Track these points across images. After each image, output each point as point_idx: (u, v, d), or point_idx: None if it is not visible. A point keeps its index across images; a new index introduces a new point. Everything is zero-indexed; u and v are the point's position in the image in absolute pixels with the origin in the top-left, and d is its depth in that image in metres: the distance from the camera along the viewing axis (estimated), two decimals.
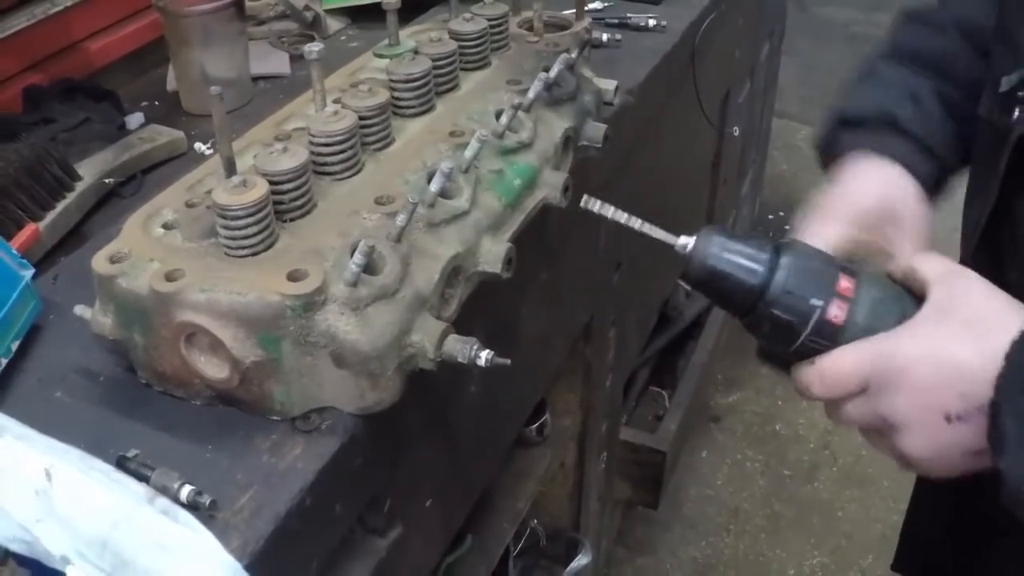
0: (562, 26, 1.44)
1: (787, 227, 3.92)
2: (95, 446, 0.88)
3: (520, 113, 1.16)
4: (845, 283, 0.85)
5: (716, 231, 0.88)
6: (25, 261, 1.06)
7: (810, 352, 0.86)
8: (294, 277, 0.90)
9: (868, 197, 1.04)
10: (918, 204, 1.05)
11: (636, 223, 0.91)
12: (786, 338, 0.86)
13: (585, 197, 0.93)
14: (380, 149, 1.11)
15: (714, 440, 3.08)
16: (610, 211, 0.92)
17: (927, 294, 0.84)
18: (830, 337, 0.85)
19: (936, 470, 0.85)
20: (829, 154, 1.14)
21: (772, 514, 2.86)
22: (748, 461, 3.02)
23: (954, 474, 0.84)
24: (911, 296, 0.87)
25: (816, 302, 0.85)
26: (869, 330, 0.84)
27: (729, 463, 3.02)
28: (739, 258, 0.86)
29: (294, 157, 0.99)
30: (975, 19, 1.14)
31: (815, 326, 0.85)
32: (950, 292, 0.83)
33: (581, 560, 2.03)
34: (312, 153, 1.04)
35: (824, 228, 1.00)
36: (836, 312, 0.84)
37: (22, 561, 0.83)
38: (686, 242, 0.88)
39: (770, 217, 3.94)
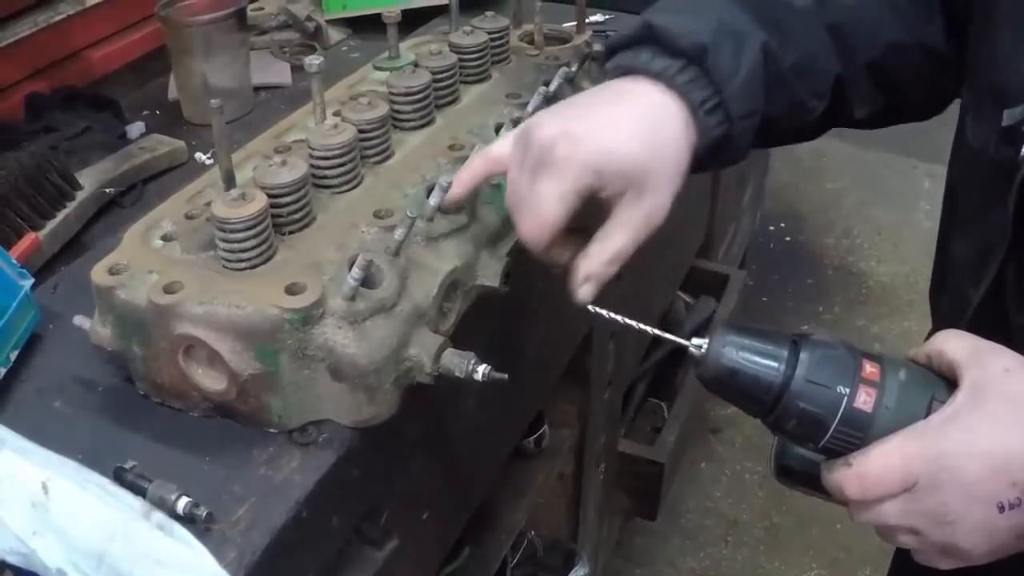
0: (563, 39, 1.44)
1: (787, 238, 3.94)
2: (93, 456, 0.89)
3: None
4: (870, 368, 0.82)
5: (728, 329, 0.84)
6: (25, 270, 1.06)
7: (840, 446, 0.82)
8: (292, 290, 0.90)
9: (629, 154, 0.88)
10: (673, 172, 0.91)
11: (647, 329, 0.89)
12: (814, 432, 0.82)
13: (591, 306, 0.91)
14: (379, 162, 1.12)
15: (713, 452, 3.08)
16: (619, 318, 0.90)
17: (959, 376, 0.80)
18: (860, 426, 0.81)
19: (988, 558, 0.81)
20: (618, 65, 0.97)
21: (771, 526, 2.86)
22: (747, 473, 3.01)
23: (1006, 555, 0.81)
24: (938, 377, 0.83)
25: (843, 389, 0.81)
26: (900, 415, 0.81)
27: (728, 475, 3.01)
28: (757, 355, 0.82)
29: (293, 170, 0.99)
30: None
31: (844, 415, 0.81)
32: (984, 372, 0.79)
33: (579, 571, 2.02)
34: (311, 166, 1.04)
35: (567, 175, 0.87)
36: (864, 398, 0.81)
37: (18, 573, 0.83)
38: (700, 343, 0.84)
39: (771, 228, 3.95)
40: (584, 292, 0.91)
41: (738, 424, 3.11)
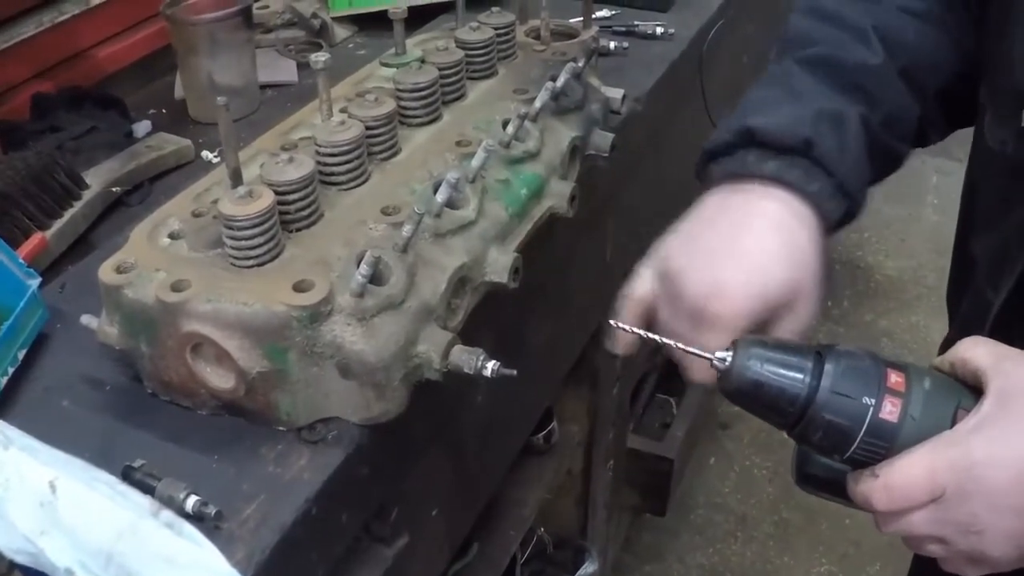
0: (569, 35, 1.44)
1: None
2: (101, 455, 0.89)
3: (527, 122, 1.16)
4: (895, 378, 0.81)
5: (752, 342, 0.83)
6: (32, 270, 1.06)
7: (866, 457, 0.81)
8: (300, 288, 0.90)
9: (780, 284, 0.89)
10: (817, 272, 0.92)
11: (670, 343, 0.88)
12: (840, 444, 0.82)
13: (613, 323, 0.91)
14: (386, 159, 1.11)
15: (722, 447, 3.07)
16: (642, 333, 0.90)
17: (985, 384, 0.80)
18: (887, 437, 0.80)
19: (1017, 564, 0.81)
20: (724, 171, 0.98)
21: (780, 521, 2.86)
22: (756, 468, 3.01)
23: None
24: (963, 386, 0.82)
25: (868, 400, 0.80)
26: (926, 425, 0.80)
27: (737, 470, 3.01)
28: (781, 367, 0.82)
29: (300, 167, 0.99)
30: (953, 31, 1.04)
31: (870, 426, 0.80)
32: (1010, 380, 0.79)
33: (588, 568, 2.02)
34: (318, 163, 1.04)
35: (727, 328, 0.88)
36: (890, 409, 0.80)
37: (27, 573, 0.83)
38: (723, 356, 0.83)
39: None
40: None
41: (747, 420, 3.11)
